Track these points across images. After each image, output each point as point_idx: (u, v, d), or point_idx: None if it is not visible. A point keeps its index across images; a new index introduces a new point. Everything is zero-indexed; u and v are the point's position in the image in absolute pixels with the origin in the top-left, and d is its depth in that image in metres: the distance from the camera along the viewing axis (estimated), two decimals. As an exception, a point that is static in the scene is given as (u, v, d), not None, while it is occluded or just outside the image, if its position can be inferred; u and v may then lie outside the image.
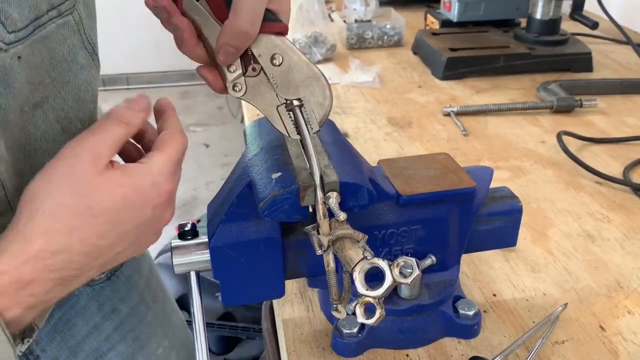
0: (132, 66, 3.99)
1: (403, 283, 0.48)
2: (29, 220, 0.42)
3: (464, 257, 0.66)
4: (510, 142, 1.07)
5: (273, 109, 0.52)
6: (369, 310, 0.48)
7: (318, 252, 0.50)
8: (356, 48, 1.54)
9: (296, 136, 0.52)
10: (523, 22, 1.48)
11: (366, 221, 0.58)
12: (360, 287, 0.48)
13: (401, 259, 0.50)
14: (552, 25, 1.39)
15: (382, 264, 0.48)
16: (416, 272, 0.50)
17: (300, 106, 0.51)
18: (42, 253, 0.42)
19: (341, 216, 0.50)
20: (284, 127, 0.52)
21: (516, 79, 1.33)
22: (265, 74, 0.51)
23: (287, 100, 0.52)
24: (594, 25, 1.37)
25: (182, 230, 0.59)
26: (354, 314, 0.49)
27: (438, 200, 0.60)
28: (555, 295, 0.70)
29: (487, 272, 0.74)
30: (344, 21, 1.55)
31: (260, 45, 0.50)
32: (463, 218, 0.62)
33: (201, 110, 3.81)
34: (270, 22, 0.50)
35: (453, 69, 1.33)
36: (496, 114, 1.17)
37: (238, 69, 0.51)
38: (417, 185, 0.60)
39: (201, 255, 0.58)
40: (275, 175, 0.53)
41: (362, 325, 0.60)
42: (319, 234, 0.50)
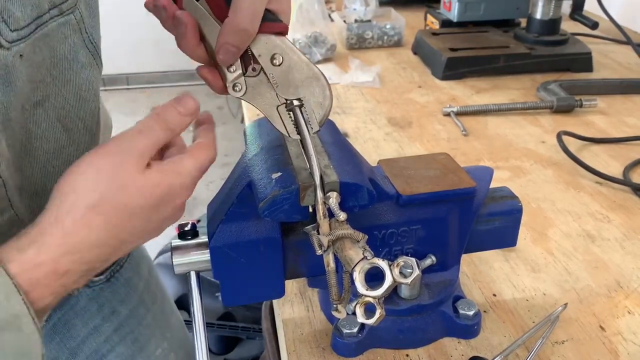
0: (132, 66, 3.98)
1: (403, 283, 0.48)
2: (70, 212, 0.43)
3: (464, 257, 0.66)
4: (510, 142, 1.07)
5: (273, 109, 0.52)
6: (369, 310, 0.48)
7: (318, 252, 0.50)
8: (356, 48, 1.54)
9: (296, 136, 0.52)
10: (523, 22, 1.48)
11: (366, 221, 0.58)
12: (360, 287, 0.47)
13: (401, 259, 0.50)
14: (552, 25, 1.39)
15: (382, 264, 0.48)
16: (416, 272, 0.50)
17: (300, 106, 0.51)
18: (80, 246, 0.42)
19: (341, 216, 0.50)
20: (284, 127, 0.52)
21: (516, 79, 1.33)
22: (265, 74, 0.51)
23: (287, 100, 0.52)
24: (594, 25, 1.37)
25: (182, 230, 0.59)
26: (354, 314, 0.49)
27: (438, 200, 0.60)
28: (555, 295, 0.70)
29: (487, 272, 0.74)
30: (344, 21, 1.55)
31: (260, 45, 0.50)
32: (463, 218, 0.62)
33: (201, 110, 3.80)
34: (270, 22, 0.50)
35: (453, 69, 1.33)
36: (496, 114, 1.17)
37: (238, 69, 0.51)
38: (417, 185, 0.60)
39: (201, 255, 0.58)
40: (275, 175, 0.53)
41: (362, 325, 0.60)
42: (319, 234, 0.50)
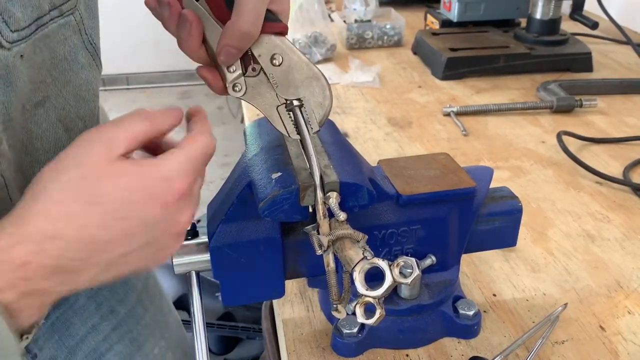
0: (132, 66, 3.99)
1: (403, 283, 0.48)
2: (30, 201, 0.41)
3: (464, 257, 0.66)
4: (510, 142, 1.07)
5: (273, 109, 0.52)
6: (369, 310, 0.48)
7: (318, 252, 0.50)
8: (356, 48, 1.54)
9: (296, 136, 0.52)
10: (523, 22, 1.48)
11: (366, 221, 0.58)
12: (360, 287, 0.47)
13: (401, 259, 0.50)
14: (552, 25, 1.39)
15: (382, 264, 0.48)
16: (416, 272, 0.50)
17: (300, 106, 0.51)
18: (35, 236, 0.40)
19: (341, 216, 0.50)
20: (284, 127, 0.52)
21: (516, 79, 1.33)
22: (265, 74, 0.51)
23: (287, 100, 0.51)
24: (594, 25, 1.37)
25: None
26: (354, 314, 0.49)
27: (438, 200, 0.60)
28: (555, 295, 0.70)
29: (487, 272, 0.74)
30: (344, 21, 1.55)
31: (260, 46, 0.50)
32: (463, 218, 0.62)
33: (201, 110, 3.81)
34: (270, 22, 0.50)
35: (453, 69, 1.33)
36: (496, 114, 1.17)
37: (238, 69, 0.51)
38: (417, 185, 0.60)
39: (201, 255, 0.58)
40: (275, 175, 0.53)
41: (362, 325, 0.60)
42: (319, 234, 0.50)
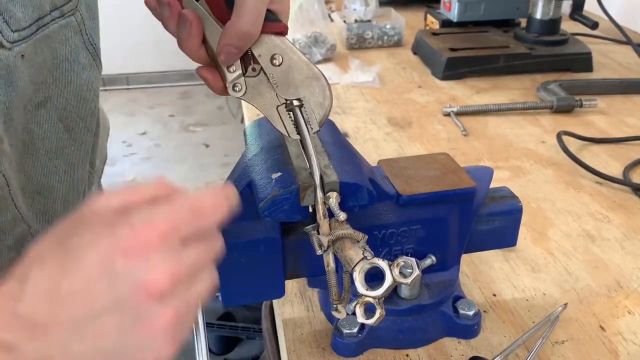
0: (132, 66, 3.99)
1: (403, 283, 0.48)
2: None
3: (464, 257, 0.66)
4: (510, 142, 1.07)
5: (273, 109, 0.52)
6: (369, 310, 0.48)
7: (318, 252, 0.50)
8: (356, 48, 1.54)
9: (296, 136, 0.52)
10: (523, 22, 1.48)
11: (366, 221, 0.58)
12: (360, 287, 0.48)
13: (401, 259, 0.50)
14: (552, 25, 1.39)
15: (382, 264, 0.48)
16: (416, 272, 0.50)
17: (300, 106, 0.51)
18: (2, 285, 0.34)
19: (341, 216, 0.50)
20: (284, 127, 0.52)
21: (516, 79, 1.33)
22: (265, 74, 0.51)
23: (287, 100, 0.52)
24: (594, 25, 1.37)
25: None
26: (354, 314, 0.49)
27: (438, 200, 0.60)
28: (555, 295, 0.70)
29: (487, 272, 0.74)
30: (344, 21, 1.55)
31: (260, 46, 0.50)
32: (463, 218, 0.62)
33: (201, 110, 3.81)
34: (270, 22, 0.50)
35: (453, 69, 1.33)
36: (496, 114, 1.17)
37: (238, 69, 0.51)
38: (417, 185, 0.60)
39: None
40: (275, 175, 0.53)
41: (362, 325, 0.60)
42: (319, 234, 0.50)
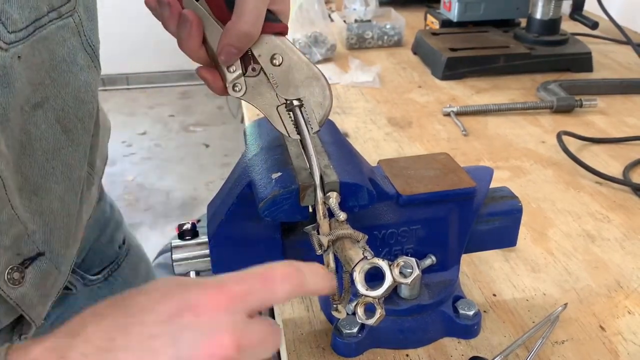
0: (132, 66, 3.99)
1: (403, 283, 0.48)
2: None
3: (464, 257, 0.66)
4: (510, 142, 1.07)
5: (273, 109, 0.52)
6: (369, 310, 0.48)
7: (318, 252, 0.50)
8: (356, 48, 1.54)
9: (296, 136, 0.52)
10: (523, 22, 1.48)
11: (366, 221, 0.58)
12: (360, 287, 0.48)
13: (401, 259, 0.50)
14: (552, 25, 1.38)
15: (382, 264, 0.48)
16: (416, 272, 0.50)
17: (300, 106, 0.51)
18: (57, 334, 0.37)
19: (341, 216, 0.50)
20: (284, 127, 0.52)
21: (516, 79, 1.33)
22: (265, 74, 0.51)
23: (287, 100, 0.52)
24: (594, 25, 1.37)
25: (181, 230, 0.59)
26: (354, 314, 0.49)
27: (438, 200, 0.60)
28: (555, 295, 0.70)
29: (487, 272, 0.74)
30: (344, 21, 1.55)
31: (260, 46, 0.50)
32: (463, 218, 0.62)
33: (201, 110, 3.81)
34: (270, 22, 0.50)
35: (453, 69, 1.33)
36: (496, 114, 1.17)
37: (238, 69, 0.51)
38: (417, 185, 0.60)
39: (201, 255, 0.58)
40: (275, 175, 0.53)
41: (362, 325, 0.60)
42: (319, 234, 0.50)
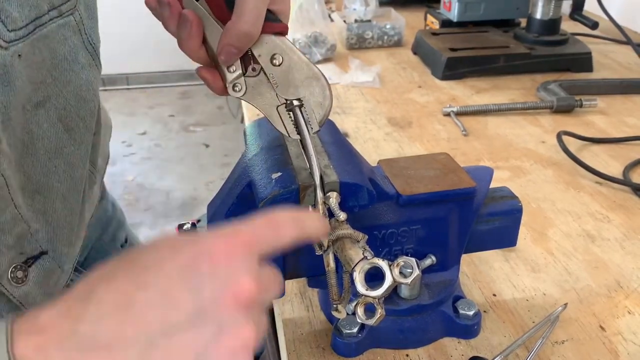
0: (132, 66, 3.99)
1: (403, 283, 0.48)
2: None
3: (464, 257, 0.66)
4: (510, 142, 1.07)
5: (273, 109, 0.52)
6: (369, 310, 0.48)
7: (318, 252, 0.50)
8: (356, 48, 1.54)
9: (296, 136, 0.52)
10: (523, 22, 1.48)
11: (366, 221, 0.58)
12: (360, 287, 0.48)
13: (401, 259, 0.50)
14: (552, 25, 1.39)
15: (382, 264, 0.48)
16: (416, 272, 0.50)
17: (300, 106, 0.51)
18: (65, 299, 0.36)
19: (341, 216, 0.50)
20: (284, 127, 0.52)
21: (516, 79, 1.33)
22: (265, 74, 0.51)
23: (287, 100, 0.52)
24: (594, 25, 1.37)
25: (181, 230, 0.59)
26: (354, 314, 0.49)
27: (438, 200, 0.60)
28: (555, 295, 0.70)
29: (487, 272, 0.74)
30: (344, 21, 1.55)
31: (260, 46, 0.50)
32: (463, 218, 0.62)
33: (201, 110, 3.81)
34: (270, 22, 0.50)
35: (453, 69, 1.33)
36: (496, 114, 1.17)
37: (238, 69, 0.51)
38: (417, 185, 0.60)
39: (201, 255, 0.57)
40: (275, 175, 0.53)
41: (362, 325, 0.60)
42: (319, 234, 0.50)
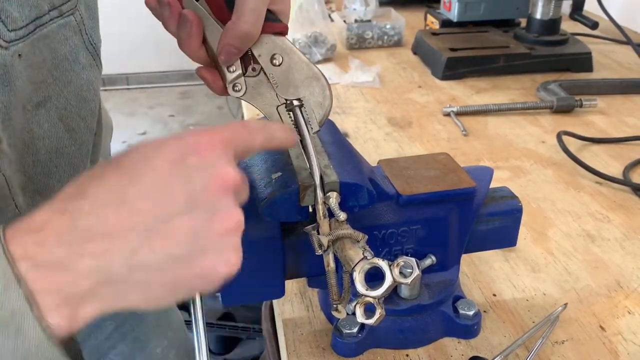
0: (132, 66, 3.98)
1: (403, 283, 0.48)
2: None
3: (464, 257, 0.66)
4: (510, 142, 1.07)
5: (273, 109, 0.52)
6: (369, 310, 0.48)
7: (318, 252, 0.50)
8: (356, 48, 1.54)
9: (296, 136, 0.52)
10: (523, 22, 1.48)
11: (366, 221, 0.58)
12: (360, 287, 0.48)
13: (401, 259, 0.50)
14: (552, 25, 1.39)
15: (382, 264, 0.48)
16: (416, 272, 0.50)
17: (300, 106, 0.51)
18: (59, 198, 0.36)
19: (341, 216, 0.50)
20: (284, 127, 0.52)
21: (516, 79, 1.33)
22: (265, 74, 0.51)
23: (287, 100, 0.52)
24: (594, 25, 1.37)
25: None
26: (354, 314, 0.49)
27: (438, 200, 0.60)
28: (555, 295, 0.70)
29: (487, 272, 0.74)
30: (344, 21, 1.55)
31: (260, 46, 0.50)
32: (463, 218, 0.62)
33: (201, 110, 3.81)
34: (270, 22, 0.50)
35: (453, 69, 1.33)
36: (496, 114, 1.17)
37: (238, 69, 0.51)
38: (417, 185, 0.60)
39: (201, 255, 0.57)
40: (275, 175, 0.53)
41: (362, 325, 0.60)
42: (319, 234, 0.50)
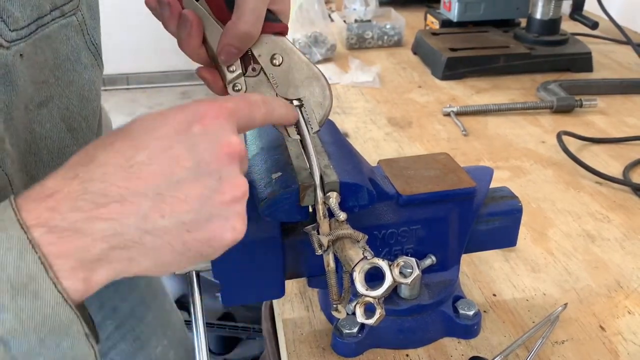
0: (132, 66, 3.99)
1: (403, 283, 0.48)
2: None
3: (464, 257, 0.66)
4: (510, 142, 1.07)
5: (273, 109, 0.52)
6: (369, 310, 0.48)
7: (318, 252, 0.50)
8: (356, 48, 1.54)
9: (296, 136, 0.52)
10: (523, 22, 1.48)
11: (366, 221, 0.58)
12: (360, 287, 0.48)
13: (401, 259, 0.50)
14: (552, 25, 1.39)
15: (382, 264, 0.48)
16: (416, 272, 0.50)
17: (300, 106, 0.51)
18: (68, 166, 0.36)
19: (341, 216, 0.50)
20: (284, 127, 0.52)
21: (516, 79, 1.33)
22: (265, 74, 0.51)
23: (287, 100, 0.52)
24: (594, 25, 1.37)
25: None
26: (354, 314, 0.49)
27: (438, 200, 0.60)
28: (555, 295, 0.70)
29: (487, 272, 0.74)
30: (344, 21, 1.55)
31: (260, 46, 0.50)
32: (463, 218, 0.62)
33: (201, 110, 3.81)
34: (270, 22, 0.50)
35: (453, 69, 1.33)
36: (496, 114, 1.17)
37: (238, 69, 0.51)
38: (417, 185, 0.60)
39: (201, 255, 0.57)
40: (275, 175, 0.53)
41: (362, 325, 0.60)
42: (319, 234, 0.50)
